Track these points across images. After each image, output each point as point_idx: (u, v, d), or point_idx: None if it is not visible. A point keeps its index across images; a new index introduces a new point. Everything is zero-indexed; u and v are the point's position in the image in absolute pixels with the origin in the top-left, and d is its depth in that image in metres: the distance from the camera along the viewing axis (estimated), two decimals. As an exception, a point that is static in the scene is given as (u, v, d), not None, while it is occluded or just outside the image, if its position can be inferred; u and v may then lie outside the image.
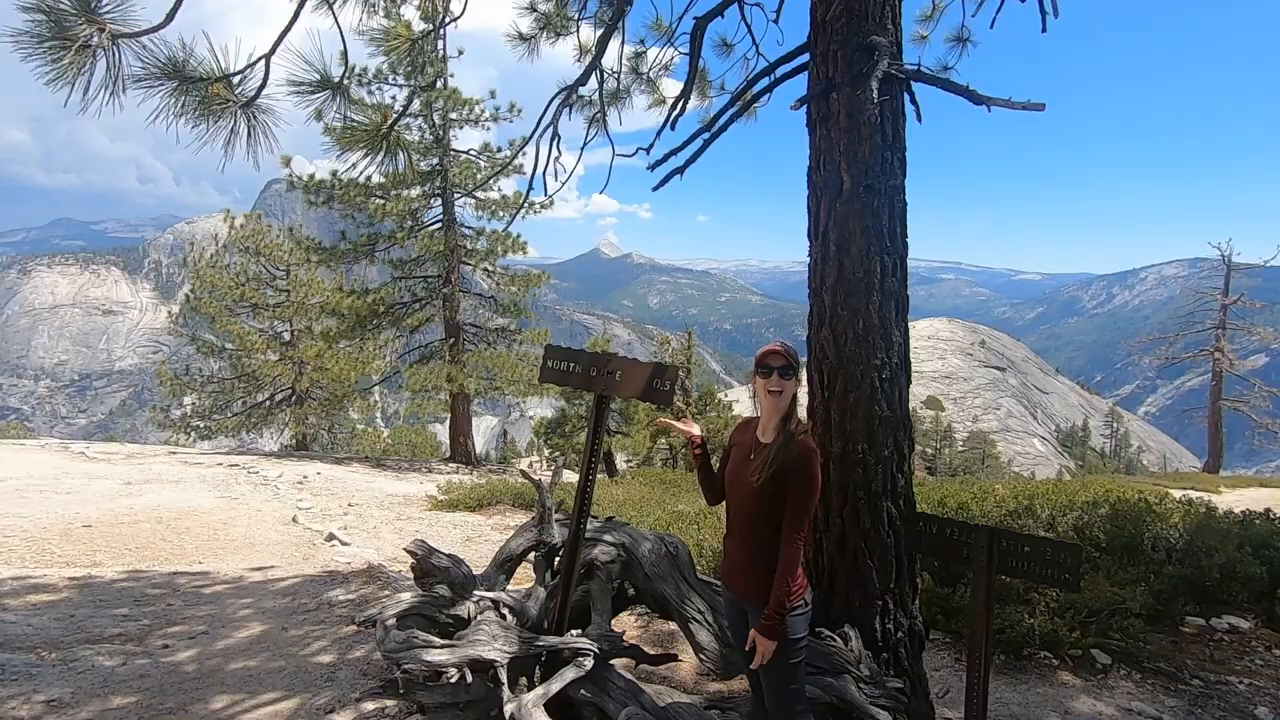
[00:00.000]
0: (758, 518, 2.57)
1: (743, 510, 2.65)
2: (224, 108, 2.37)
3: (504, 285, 18.01)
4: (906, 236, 3.46)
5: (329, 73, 2.58)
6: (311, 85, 2.54)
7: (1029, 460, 67.13)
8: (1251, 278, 33.11)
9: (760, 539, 2.57)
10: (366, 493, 11.69)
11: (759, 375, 2.62)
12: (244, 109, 2.42)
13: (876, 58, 2.98)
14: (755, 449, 2.63)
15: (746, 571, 2.61)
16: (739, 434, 2.78)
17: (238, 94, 2.42)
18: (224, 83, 2.34)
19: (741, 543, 2.65)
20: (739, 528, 2.68)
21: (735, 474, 2.70)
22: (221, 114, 2.38)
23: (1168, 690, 4.48)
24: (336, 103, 2.68)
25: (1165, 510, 7.09)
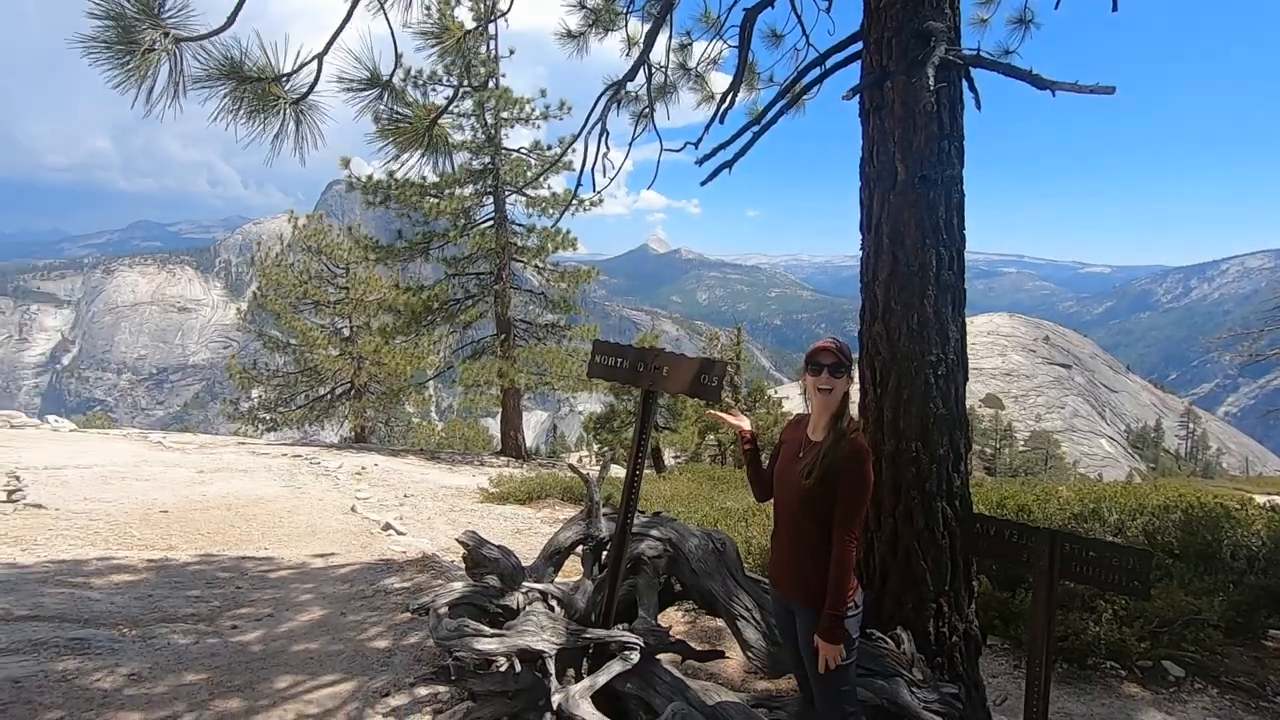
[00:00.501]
0: (805, 518, 2.54)
1: (790, 509, 2.62)
2: (274, 105, 2.46)
3: (553, 282, 18.21)
4: (964, 229, 3.34)
5: (378, 71, 2.65)
6: (361, 83, 2.62)
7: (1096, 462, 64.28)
8: (1348, 268, 30.82)
9: (808, 539, 2.53)
10: (421, 484, 12.02)
11: (809, 372, 2.58)
12: (293, 106, 2.51)
13: (933, 44, 2.89)
14: (805, 447, 2.60)
15: (794, 571, 2.58)
16: (789, 431, 2.74)
17: (287, 91, 2.51)
18: (277, 82, 2.43)
19: (789, 542, 2.62)
20: (786, 527, 2.65)
21: (784, 472, 2.66)
22: (272, 112, 2.47)
23: (1247, 707, 4.22)
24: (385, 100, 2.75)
25: (1246, 517, 6.67)
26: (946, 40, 3.00)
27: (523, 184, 17.11)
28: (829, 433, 2.50)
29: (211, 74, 2.52)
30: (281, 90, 2.50)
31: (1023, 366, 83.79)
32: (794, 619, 2.65)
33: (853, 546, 2.40)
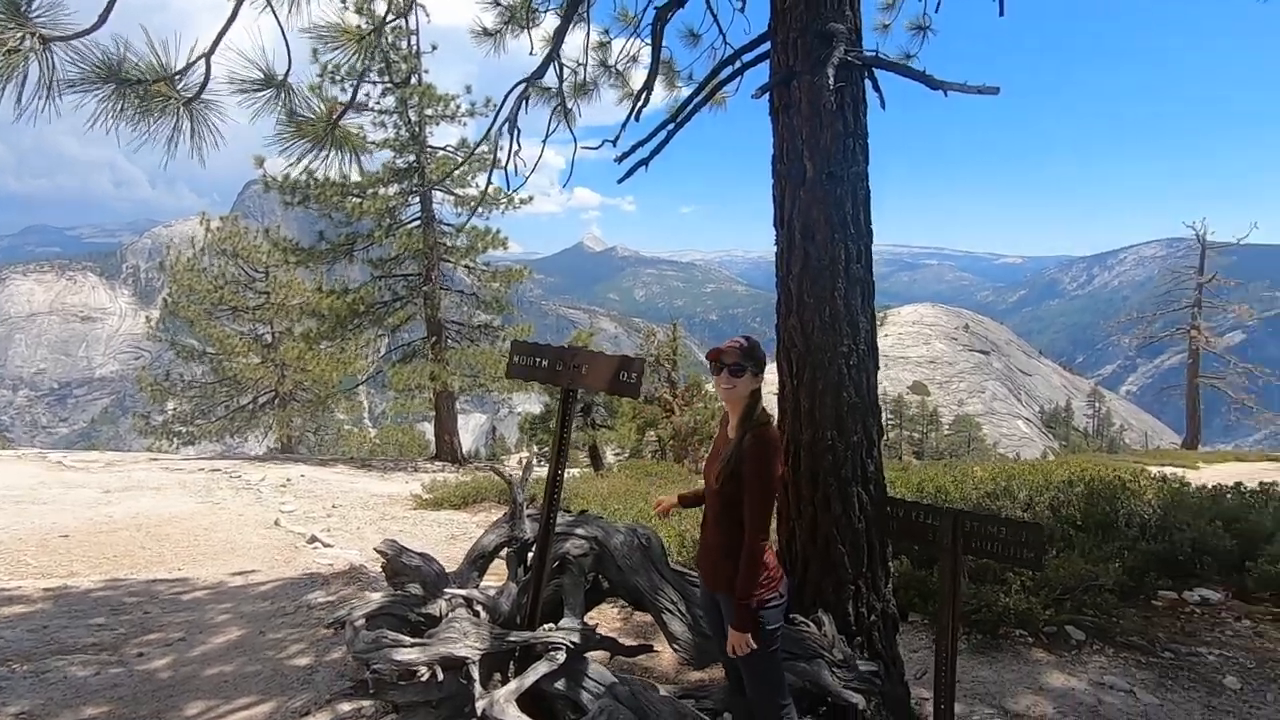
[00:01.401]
0: (724, 515, 2.59)
1: (713, 506, 2.67)
2: (165, 106, 2.33)
3: (486, 282, 17.92)
4: (871, 223, 3.47)
5: (272, 70, 2.54)
6: (255, 83, 2.49)
7: (1014, 442, 67.95)
8: (1226, 256, 33.62)
9: (730, 534, 2.58)
10: (351, 494, 11.63)
11: (712, 372, 2.63)
12: (186, 107, 2.37)
13: (834, 44, 2.98)
14: (724, 445, 2.65)
15: (719, 565, 2.63)
16: (721, 430, 2.79)
17: (180, 92, 2.38)
18: (168, 82, 2.30)
19: (713, 537, 2.68)
20: (710, 523, 2.70)
21: (707, 470, 2.72)
22: (163, 112, 2.34)
23: (1140, 664, 4.56)
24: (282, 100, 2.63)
25: (1139, 487, 7.20)
26: (847, 41, 3.10)
27: (450, 182, 16.75)
28: (743, 427, 2.55)
29: (88, 76, 2.36)
30: (173, 90, 2.35)
31: (945, 354, 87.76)
32: (721, 610, 2.71)
33: (760, 540, 2.45)
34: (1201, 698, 4.19)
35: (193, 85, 2.41)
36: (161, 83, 2.29)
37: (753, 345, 2.57)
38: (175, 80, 2.35)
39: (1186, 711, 4.04)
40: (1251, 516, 6.39)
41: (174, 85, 2.35)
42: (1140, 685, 4.29)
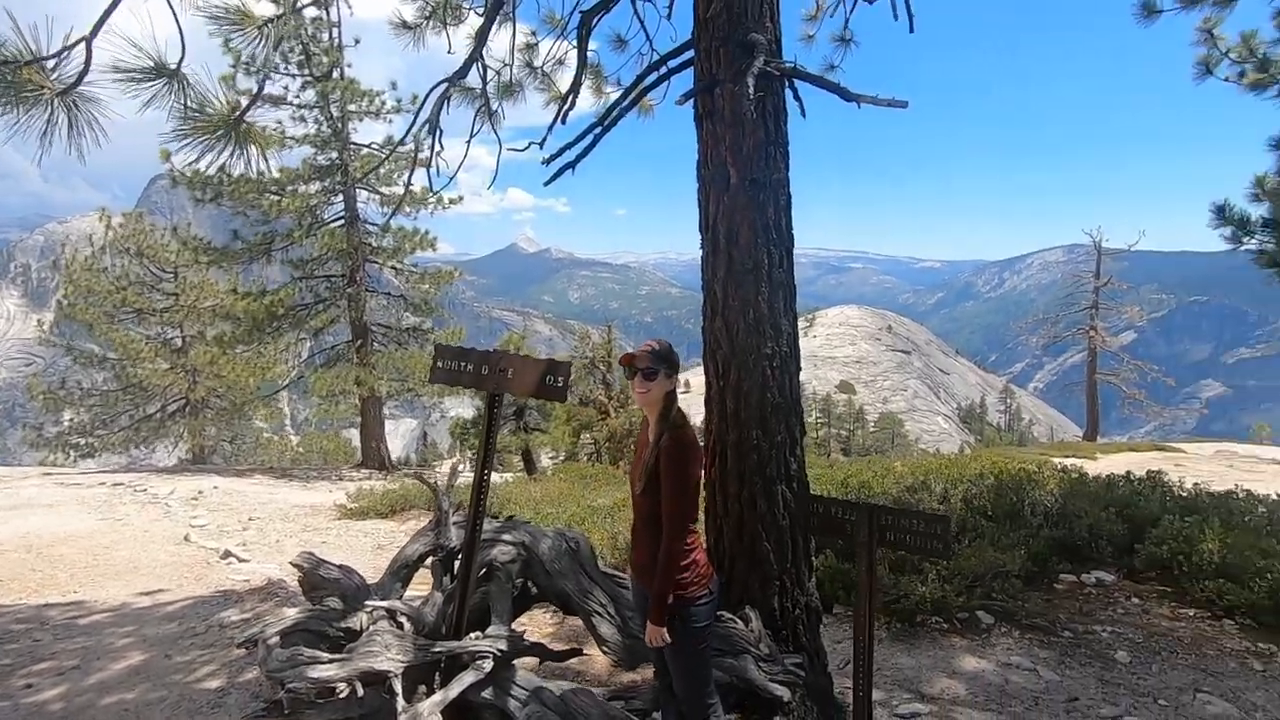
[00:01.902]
0: (649, 517, 2.60)
1: (640, 508, 2.68)
2: (37, 95, 2.14)
3: (415, 283, 17.44)
4: (792, 229, 3.58)
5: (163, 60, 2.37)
6: (143, 73, 2.32)
7: (934, 437, 71.29)
8: (1119, 261, 36.26)
9: (658, 538, 2.60)
10: (270, 505, 11.09)
11: (627, 377, 2.65)
12: (61, 97, 2.19)
13: (755, 54, 3.06)
14: (644, 448, 2.66)
15: (649, 567, 2.63)
16: (642, 433, 2.79)
17: (54, 80, 2.19)
18: (35, 67, 2.11)
19: (642, 538, 2.68)
20: (639, 524, 2.71)
21: (632, 473, 2.73)
22: (36, 103, 2.15)
23: (1042, 643, 4.87)
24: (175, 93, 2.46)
25: (1043, 478, 7.68)
26: (767, 52, 3.19)
27: (375, 181, 16.22)
28: (659, 429, 2.57)
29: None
30: (45, 78, 2.17)
31: (870, 354, 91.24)
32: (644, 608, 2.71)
33: (679, 541, 2.47)
34: (1096, 672, 4.51)
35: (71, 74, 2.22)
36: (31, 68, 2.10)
37: (665, 348, 2.59)
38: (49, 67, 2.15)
39: (1083, 686, 4.34)
40: (1140, 503, 6.92)
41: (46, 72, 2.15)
42: (1043, 664, 4.58)
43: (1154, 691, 4.31)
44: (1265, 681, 4.49)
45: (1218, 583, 5.35)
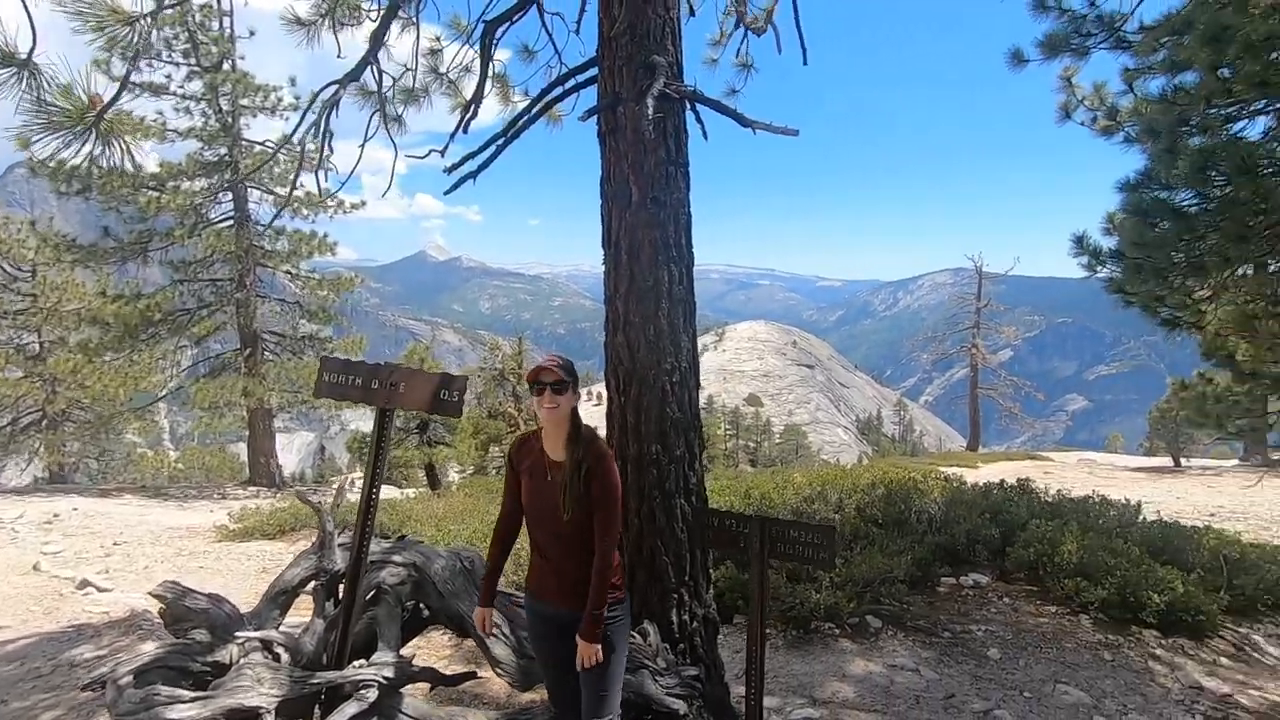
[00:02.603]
0: (576, 535, 2.51)
1: (555, 529, 2.53)
2: None
3: (312, 289, 16.55)
4: (692, 247, 3.66)
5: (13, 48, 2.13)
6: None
7: (835, 448, 74.48)
8: (998, 285, 39.40)
9: (585, 551, 2.51)
10: (139, 528, 10.15)
11: (534, 393, 2.53)
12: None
13: (656, 76, 3.13)
14: (552, 468, 2.53)
15: (576, 584, 2.52)
16: (523, 454, 2.61)
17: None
18: None
19: (562, 559, 2.55)
20: (554, 545, 2.56)
21: (538, 495, 2.55)
22: None
23: (925, 644, 5.16)
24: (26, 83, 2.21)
25: (928, 487, 8.18)
26: (668, 74, 3.26)
27: (270, 180, 15.32)
28: (572, 448, 2.50)
29: None
30: None
31: (777, 368, 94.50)
32: (562, 632, 2.58)
33: (615, 550, 2.50)
34: (970, 669, 4.83)
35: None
36: None
37: (569, 363, 2.58)
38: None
39: (959, 683, 4.62)
40: (1011, 509, 7.49)
41: None
42: (925, 664, 4.85)
43: (1020, 685, 4.66)
44: (1114, 670, 4.94)
45: (1075, 581, 5.85)
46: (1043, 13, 7.00)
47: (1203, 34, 4.39)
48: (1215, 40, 4.30)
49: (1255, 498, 14.90)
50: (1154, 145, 5.12)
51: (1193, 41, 4.55)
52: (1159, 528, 7.41)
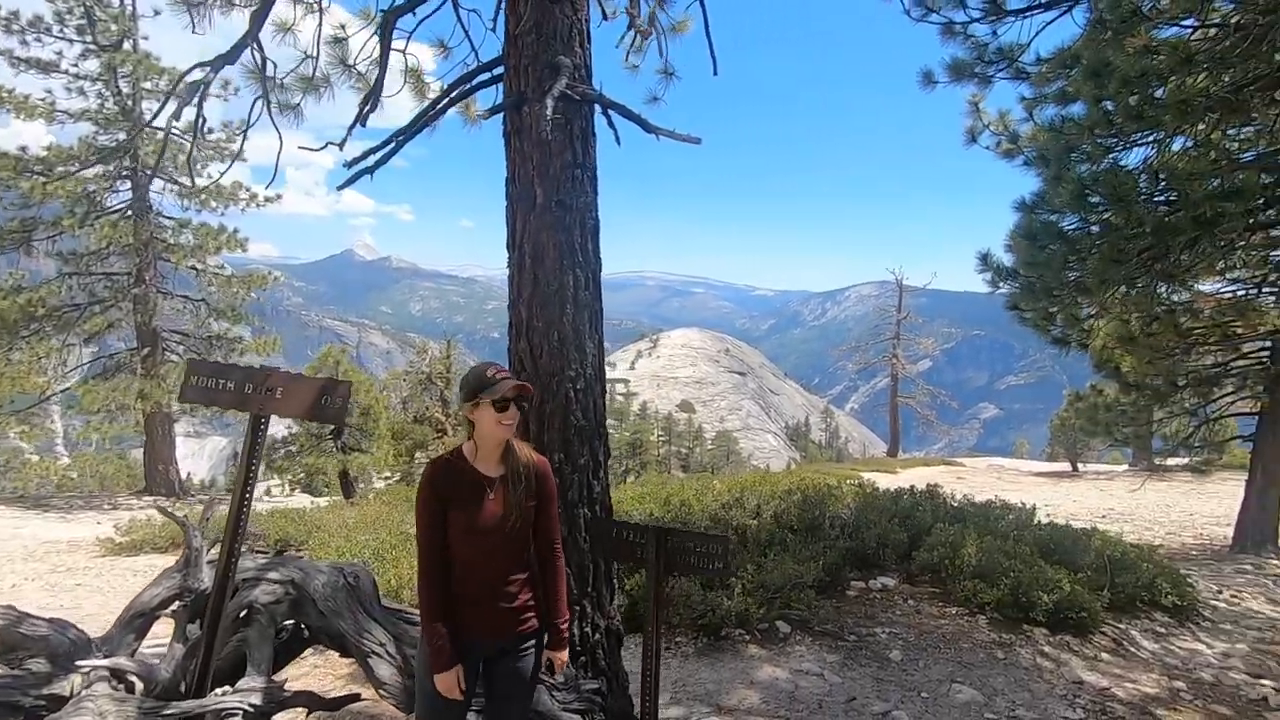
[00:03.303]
0: (522, 551, 2.38)
1: (502, 548, 2.31)
2: None
3: (220, 286, 15.63)
4: (599, 252, 3.61)
5: None
6: None
7: (765, 454, 76.07)
8: (918, 298, 41.32)
9: (528, 568, 2.41)
10: (11, 542, 9.31)
11: (495, 408, 2.25)
12: None
13: (559, 77, 3.06)
14: (490, 484, 2.29)
15: (521, 608, 2.36)
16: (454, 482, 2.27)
17: None
18: None
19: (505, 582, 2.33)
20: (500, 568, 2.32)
21: (483, 519, 2.27)
22: None
23: (831, 648, 5.26)
24: None
25: (842, 493, 8.40)
26: (574, 76, 3.21)
27: (175, 170, 14.40)
28: (510, 457, 2.34)
29: None
30: None
31: (710, 375, 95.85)
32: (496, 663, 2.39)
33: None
34: (873, 671, 4.95)
35: None
36: None
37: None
38: None
39: (861, 685, 4.73)
40: (918, 514, 7.77)
41: None
42: (829, 668, 4.94)
43: (919, 685, 4.80)
44: (1006, 668, 5.17)
45: (974, 583, 6.11)
46: (951, 37, 7.34)
47: (1087, 68, 4.68)
48: (1097, 75, 4.59)
49: (1140, 500, 16.07)
50: (1045, 171, 5.43)
51: (1078, 75, 4.85)
52: (1051, 530, 7.84)
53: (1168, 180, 4.61)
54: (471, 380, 2.27)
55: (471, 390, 2.26)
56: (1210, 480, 18.20)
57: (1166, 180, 4.65)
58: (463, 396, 2.30)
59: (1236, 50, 4.25)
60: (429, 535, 2.24)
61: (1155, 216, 4.56)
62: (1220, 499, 14.89)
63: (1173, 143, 5.71)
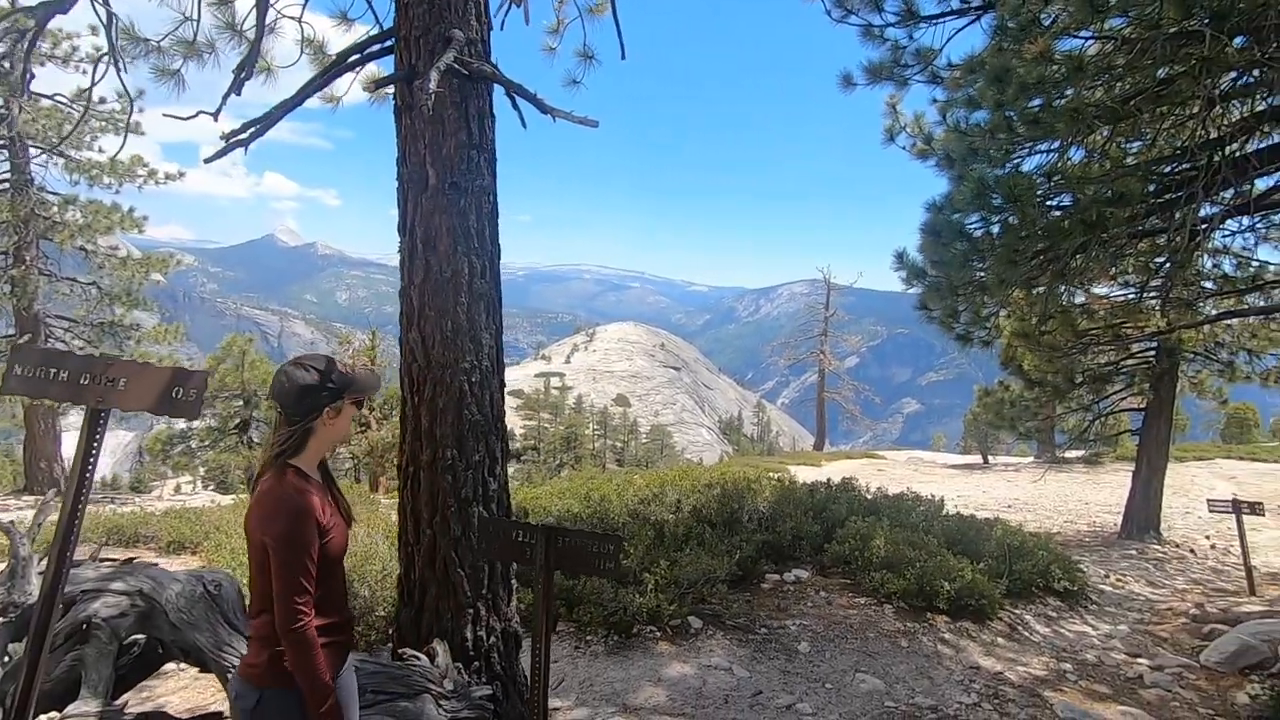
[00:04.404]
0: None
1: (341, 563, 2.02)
2: None
3: (114, 269, 14.50)
4: (498, 239, 3.45)
5: None
6: None
7: (699, 448, 77.03)
8: (846, 296, 42.48)
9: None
10: None
11: (354, 406, 2.00)
12: None
13: (450, 49, 2.88)
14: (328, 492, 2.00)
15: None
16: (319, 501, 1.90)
17: None
18: None
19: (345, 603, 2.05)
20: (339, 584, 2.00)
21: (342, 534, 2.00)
22: None
23: (741, 642, 5.27)
24: None
25: (761, 487, 8.49)
26: (467, 50, 3.03)
27: (60, 141, 13.23)
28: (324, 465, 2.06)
29: None
30: None
31: (646, 369, 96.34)
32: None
33: None
34: (781, 664, 4.98)
35: None
36: None
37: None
38: None
39: (768, 679, 4.75)
40: (833, 506, 7.93)
41: None
42: (738, 662, 4.95)
43: (824, 677, 4.86)
44: (907, 656, 5.31)
45: (882, 574, 6.26)
46: (870, 39, 7.47)
47: (989, 73, 4.81)
48: (998, 80, 4.72)
49: (1043, 490, 17.03)
50: (951, 171, 5.59)
51: (982, 80, 4.98)
52: (958, 521, 8.15)
53: (1062, 183, 4.81)
54: (335, 378, 1.93)
55: (337, 389, 1.92)
56: (1105, 471, 19.53)
57: (1061, 183, 4.84)
58: (324, 397, 1.90)
59: (1124, 62, 4.46)
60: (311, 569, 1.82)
61: (1049, 219, 4.74)
62: (1113, 488, 15.93)
63: (1072, 153, 5.98)
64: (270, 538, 1.78)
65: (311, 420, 1.90)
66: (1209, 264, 8.55)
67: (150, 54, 4.07)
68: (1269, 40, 4.26)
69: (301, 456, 1.90)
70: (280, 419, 1.90)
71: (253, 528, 1.83)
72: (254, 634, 1.87)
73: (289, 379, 1.87)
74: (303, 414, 1.88)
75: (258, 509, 1.83)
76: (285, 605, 1.76)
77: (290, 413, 1.88)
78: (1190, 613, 7.00)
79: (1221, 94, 4.82)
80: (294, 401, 1.87)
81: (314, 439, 1.91)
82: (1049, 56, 4.52)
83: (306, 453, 1.91)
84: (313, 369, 1.91)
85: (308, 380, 1.89)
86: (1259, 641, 5.53)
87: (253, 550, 1.84)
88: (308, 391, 1.88)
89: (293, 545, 1.78)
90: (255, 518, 1.83)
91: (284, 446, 1.87)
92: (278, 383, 1.89)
